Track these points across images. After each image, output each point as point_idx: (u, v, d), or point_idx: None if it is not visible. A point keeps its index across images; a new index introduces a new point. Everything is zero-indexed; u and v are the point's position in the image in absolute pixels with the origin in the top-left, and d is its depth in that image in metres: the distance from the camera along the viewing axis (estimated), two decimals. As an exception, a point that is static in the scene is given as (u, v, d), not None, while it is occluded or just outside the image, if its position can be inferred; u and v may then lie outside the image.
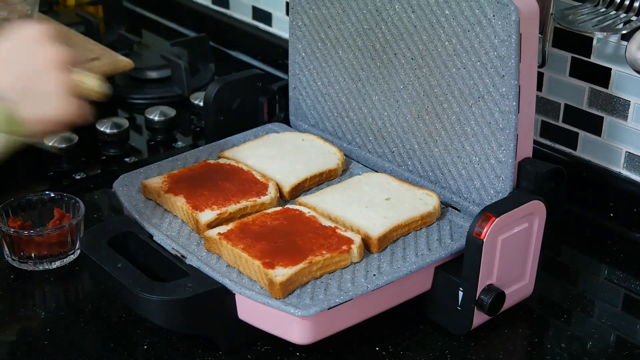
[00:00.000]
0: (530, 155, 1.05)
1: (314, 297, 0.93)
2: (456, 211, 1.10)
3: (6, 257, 1.13)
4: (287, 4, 1.60)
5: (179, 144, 1.45)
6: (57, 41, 0.85)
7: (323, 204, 1.07)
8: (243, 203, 1.07)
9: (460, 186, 1.09)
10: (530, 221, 1.00)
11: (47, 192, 1.18)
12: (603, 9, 1.16)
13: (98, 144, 1.42)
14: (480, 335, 1.02)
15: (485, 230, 0.95)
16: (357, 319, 0.97)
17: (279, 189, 1.12)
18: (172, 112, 1.48)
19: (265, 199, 1.08)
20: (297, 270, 0.94)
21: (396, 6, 1.09)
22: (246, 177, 1.12)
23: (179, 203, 1.06)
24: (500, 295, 0.99)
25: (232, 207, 1.06)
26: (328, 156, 1.18)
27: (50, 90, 0.82)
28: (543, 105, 1.29)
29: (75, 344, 1.01)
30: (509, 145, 1.02)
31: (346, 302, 0.93)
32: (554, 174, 1.04)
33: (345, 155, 1.21)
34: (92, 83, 0.89)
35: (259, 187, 1.10)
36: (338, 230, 1.02)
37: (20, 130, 0.81)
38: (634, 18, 1.12)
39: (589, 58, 1.22)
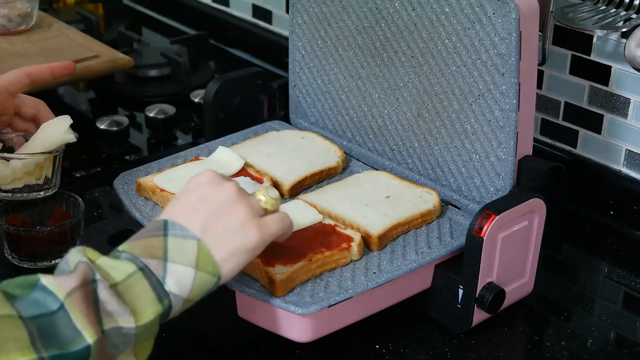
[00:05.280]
0: (530, 153, 1.05)
1: (314, 295, 0.93)
2: (456, 209, 1.10)
3: (6, 255, 1.13)
4: (287, 1, 1.60)
5: (179, 141, 1.45)
6: (224, 178, 0.89)
7: (323, 202, 1.07)
8: None
9: (460, 184, 1.09)
10: (530, 219, 1.00)
11: (47, 190, 1.18)
12: (603, 7, 1.16)
13: (98, 142, 1.42)
14: (480, 333, 1.02)
15: (485, 228, 0.95)
16: (357, 317, 0.97)
17: (279, 187, 1.12)
18: (172, 110, 1.48)
19: None
20: (297, 268, 0.94)
21: (396, 4, 1.09)
22: (241, 173, 1.12)
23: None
24: (500, 293, 0.99)
25: None
26: (328, 154, 1.18)
27: (240, 219, 0.85)
28: (543, 103, 1.29)
29: (76, 341, 1.01)
30: (509, 143, 1.02)
31: (346, 300, 0.93)
32: (554, 171, 1.04)
33: (345, 153, 1.21)
34: (268, 196, 0.90)
35: (254, 181, 1.10)
36: (338, 228, 1.02)
37: (214, 268, 0.83)
38: (634, 16, 1.12)
39: (589, 56, 1.22)
